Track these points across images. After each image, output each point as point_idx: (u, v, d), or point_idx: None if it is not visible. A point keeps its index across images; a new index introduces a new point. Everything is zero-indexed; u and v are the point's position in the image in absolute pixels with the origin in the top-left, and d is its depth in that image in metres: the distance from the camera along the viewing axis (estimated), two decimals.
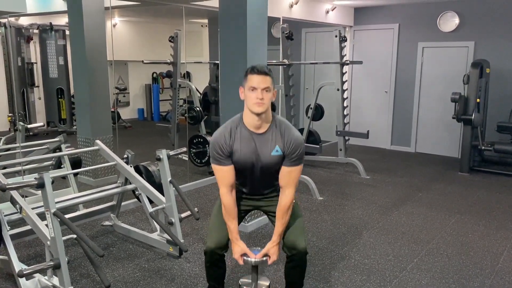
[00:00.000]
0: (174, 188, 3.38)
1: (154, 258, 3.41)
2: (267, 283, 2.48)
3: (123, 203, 4.03)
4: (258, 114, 2.23)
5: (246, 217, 2.61)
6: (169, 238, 3.30)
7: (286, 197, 2.33)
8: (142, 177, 3.60)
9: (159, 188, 3.46)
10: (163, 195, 3.39)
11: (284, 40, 5.39)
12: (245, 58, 3.69)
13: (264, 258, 2.33)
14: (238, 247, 2.34)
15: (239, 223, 2.46)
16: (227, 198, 2.34)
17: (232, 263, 3.22)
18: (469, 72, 5.89)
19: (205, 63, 8.35)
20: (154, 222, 3.52)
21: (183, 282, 3.04)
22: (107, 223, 3.87)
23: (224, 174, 2.33)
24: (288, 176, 2.33)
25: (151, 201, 3.48)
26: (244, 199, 2.52)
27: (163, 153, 3.38)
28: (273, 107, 6.87)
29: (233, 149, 2.30)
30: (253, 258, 2.33)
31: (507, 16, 6.30)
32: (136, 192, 3.58)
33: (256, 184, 2.45)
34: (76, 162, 4.26)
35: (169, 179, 3.36)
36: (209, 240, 2.41)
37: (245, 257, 2.33)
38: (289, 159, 2.31)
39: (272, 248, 2.34)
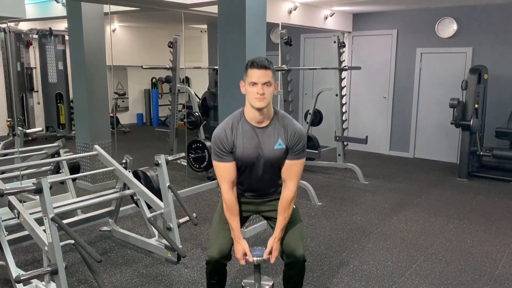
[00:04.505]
0: (172, 194, 3.38)
1: (152, 263, 3.40)
2: (270, 283, 2.45)
3: (121, 208, 4.02)
4: (259, 109, 2.20)
5: (245, 222, 2.59)
6: (167, 243, 3.29)
7: (288, 190, 2.30)
8: (141, 182, 3.59)
9: (158, 193, 3.45)
10: (162, 201, 3.38)
11: (282, 46, 5.40)
12: (244, 63, 3.69)
13: (266, 257, 2.29)
14: (241, 246, 2.30)
15: None
16: (229, 195, 2.30)
17: (234, 269, 3.21)
18: (467, 78, 5.91)
19: (204, 68, 8.38)
20: (152, 228, 3.51)
21: None
22: (105, 228, 3.86)
23: (225, 171, 2.29)
24: (291, 169, 2.30)
25: (149, 207, 3.47)
26: (245, 203, 2.47)
27: (161, 158, 3.37)
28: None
29: (235, 145, 2.26)
30: (256, 257, 2.29)
31: (505, 22, 6.33)
32: (135, 198, 3.57)
33: (258, 182, 2.39)
34: (74, 167, 4.26)
35: (168, 184, 3.36)
36: (211, 249, 2.35)
37: (247, 257, 2.29)
38: (292, 151, 2.28)
39: (274, 244, 2.30)
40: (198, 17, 5.78)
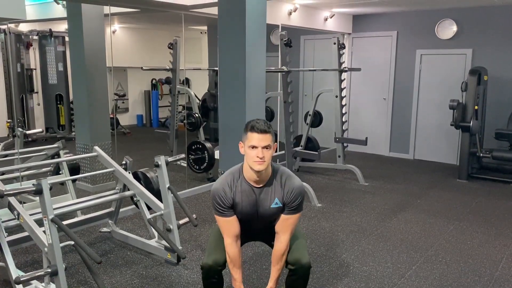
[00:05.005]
0: (172, 195, 3.38)
1: (152, 265, 3.40)
2: None
3: (121, 210, 4.02)
4: (258, 172, 2.24)
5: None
6: (167, 245, 3.29)
7: (281, 243, 2.35)
8: (141, 184, 3.59)
9: (157, 194, 3.45)
10: (162, 202, 3.38)
11: (282, 47, 5.40)
12: (244, 65, 3.70)
13: None
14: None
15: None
16: (233, 248, 2.35)
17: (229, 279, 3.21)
18: (467, 79, 5.92)
19: (204, 69, 8.38)
20: (152, 229, 3.51)
21: None
22: (105, 229, 3.86)
23: (227, 225, 2.34)
24: (285, 223, 2.35)
25: (149, 208, 3.47)
26: (244, 236, 2.52)
27: (161, 160, 3.37)
28: (272, 114, 6.90)
29: (235, 202, 2.32)
30: None
31: (505, 24, 6.33)
32: (134, 199, 3.57)
33: (256, 231, 2.52)
34: (74, 168, 4.26)
35: (167, 185, 3.36)
36: (207, 257, 2.40)
37: None
38: (288, 207, 2.34)
39: None
40: (198, 19, 5.78)
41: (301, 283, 2.44)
